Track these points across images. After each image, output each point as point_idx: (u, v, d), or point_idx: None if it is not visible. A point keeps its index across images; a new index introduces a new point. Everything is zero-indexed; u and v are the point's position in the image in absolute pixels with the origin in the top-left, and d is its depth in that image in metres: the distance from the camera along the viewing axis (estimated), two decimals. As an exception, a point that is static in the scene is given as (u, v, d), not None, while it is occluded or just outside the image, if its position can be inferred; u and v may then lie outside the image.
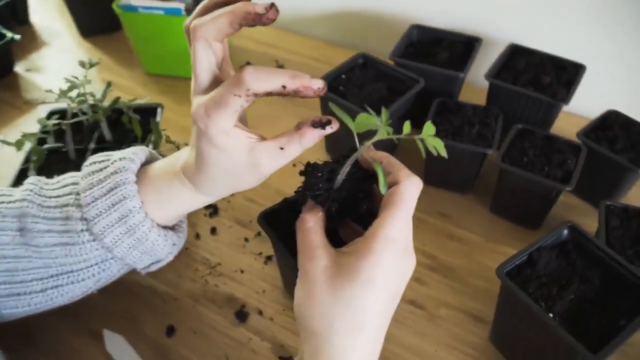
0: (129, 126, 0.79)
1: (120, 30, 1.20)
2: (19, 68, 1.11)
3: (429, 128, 0.44)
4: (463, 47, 0.97)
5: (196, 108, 0.45)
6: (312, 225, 0.46)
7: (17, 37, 1.03)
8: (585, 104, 0.91)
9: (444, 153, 0.44)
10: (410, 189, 0.44)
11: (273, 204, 0.62)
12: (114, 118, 0.81)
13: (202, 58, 0.45)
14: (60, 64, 1.13)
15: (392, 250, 0.42)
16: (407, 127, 0.44)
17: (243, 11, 0.43)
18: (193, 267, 0.72)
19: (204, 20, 0.44)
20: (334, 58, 1.09)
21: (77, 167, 0.56)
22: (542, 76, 0.88)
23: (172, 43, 0.98)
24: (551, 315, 0.54)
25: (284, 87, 0.43)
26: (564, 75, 0.89)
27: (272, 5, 0.43)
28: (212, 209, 0.80)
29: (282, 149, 0.47)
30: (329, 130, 0.47)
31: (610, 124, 0.83)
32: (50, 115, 0.80)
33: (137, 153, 0.55)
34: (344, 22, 1.19)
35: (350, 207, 0.48)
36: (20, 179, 0.71)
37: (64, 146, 0.76)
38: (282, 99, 1.08)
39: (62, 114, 0.80)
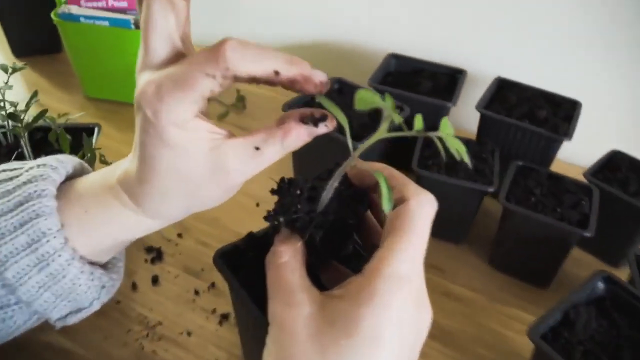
0: (56, 147, 0.64)
1: (61, 52, 1.05)
2: None
3: (445, 126, 0.33)
4: (446, 79, 0.88)
5: (144, 86, 0.32)
6: (288, 259, 0.34)
7: None
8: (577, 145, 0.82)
9: (466, 158, 0.33)
10: (423, 207, 0.32)
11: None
12: (39, 138, 0.66)
13: (159, 19, 0.33)
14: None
15: (404, 291, 0.30)
16: (419, 121, 0.33)
17: None
18: (125, 326, 0.56)
19: None
20: (301, 90, 0.98)
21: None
22: (538, 110, 0.79)
23: (117, 61, 0.84)
24: (609, 394, 0.41)
25: (276, 73, 0.32)
26: (560, 111, 0.80)
27: None
28: (155, 253, 0.64)
29: (257, 149, 0.34)
30: (322, 129, 0.36)
31: (617, 165, 0.74)
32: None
33: (62, 161, 0.41)
34: (311, 54, 1.09)
35: (339, 238, 0.36)
36: None
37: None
38: (238, 126, 0.97)
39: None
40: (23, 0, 0.96)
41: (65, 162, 0.41)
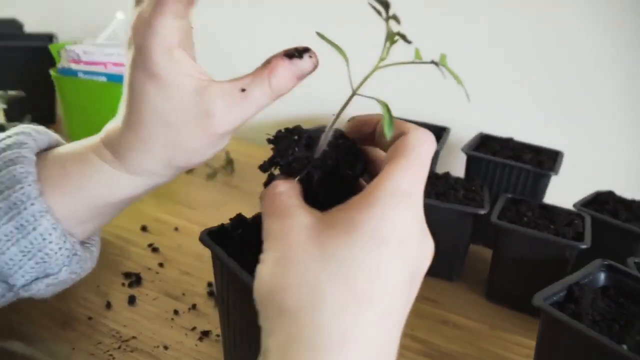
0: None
1: (55, 123, 1.09)
2: None
3: (443, 58, 0.35)
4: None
5: (134, 18, 0.34)
6: (285, 190, 0.32)
7: None
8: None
9: (463, 85, 0.32)
10: (422, 140, 0.31)
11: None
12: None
13: None
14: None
15: (406, 204, 0.28)
16: (417, 52, 0.34)
17: None
18: (95, 339, 0.51)
19: None
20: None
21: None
22: (522, 155, 0.80)
23: (111, 114, 0.86)
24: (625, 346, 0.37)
25: None
26: (543, 156, 0.82)
27: None
28: (134, 278, 0.60)
29: (243, 91, 0.34)
30: (307, 62, 0.36)
31: (605, 200, 0.74)
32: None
33: (42, 132, 0.41)
34: (306, 119, 1.13)
35: (336, 187, 0.35)
36: None
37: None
38: (227, 184, 0.95)
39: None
40: (22, 69, 1.01)
41: (45, 134, 0.41)
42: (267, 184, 0.35)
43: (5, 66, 1.00)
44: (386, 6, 0.31)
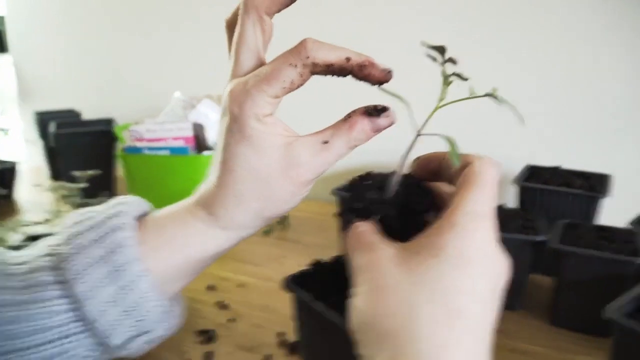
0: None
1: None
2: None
3: (494, 91, 0.38)
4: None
5: (233, 86, 0.37)
6: (366, 228, 0.35)
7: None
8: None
9: (517, 112, 0.35)
10: (487, 167, 0.34)
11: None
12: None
13: (249, 34, 0.39)
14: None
15: (484, 226, 0.31)
16: (472, 89, 0.36)
17: None
18: (180, 393, 0.53)
19: None
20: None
21: None
22: (572, 181, 0.81)
23: (174, 185, 0.92)
24: None
25: (348, 59, 0.36)
26: (593, 182, 0.82)
27: None
28: (208, 335, 0.63)
29: (325, 142, 0.38)
30: (384, 120, 0.38)
31: (663, 218, 0.73)
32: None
33: (137, 201, 0.44)
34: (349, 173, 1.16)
35: (410, 223, 0.37)
36: None
37: None
38: (282, 239, 0.98)
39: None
40: (86, 151, 1.10)
41: (142, 200, 0.45)
42: (344, 227, 0.38)
43: (72, 149, 1.09)
44: (442, 51, 0.34)
